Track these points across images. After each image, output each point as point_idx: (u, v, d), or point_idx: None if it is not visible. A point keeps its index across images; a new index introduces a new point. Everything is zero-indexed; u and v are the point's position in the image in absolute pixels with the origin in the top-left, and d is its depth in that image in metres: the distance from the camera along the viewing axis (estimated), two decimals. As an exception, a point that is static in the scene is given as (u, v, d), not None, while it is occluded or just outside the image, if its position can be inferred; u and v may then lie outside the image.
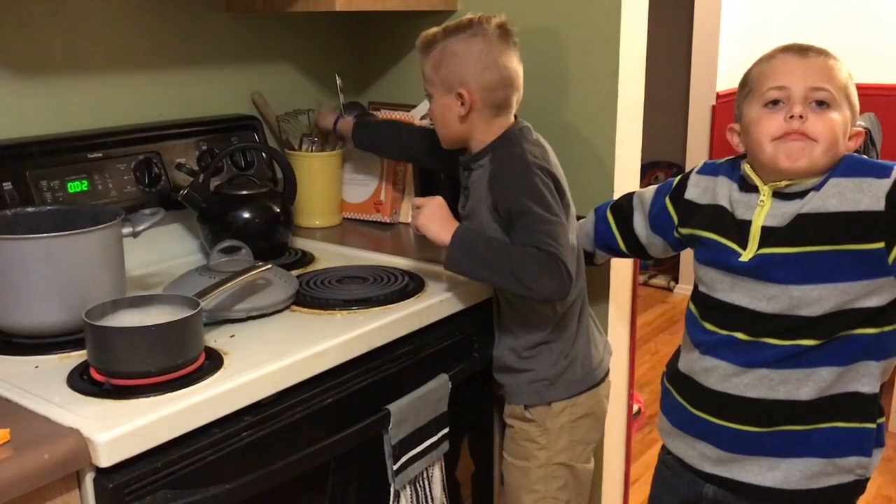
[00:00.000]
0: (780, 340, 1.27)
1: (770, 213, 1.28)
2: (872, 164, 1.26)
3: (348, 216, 2.07)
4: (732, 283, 1.31)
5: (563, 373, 1.54)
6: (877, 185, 1.21)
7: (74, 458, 1.00)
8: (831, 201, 1.23)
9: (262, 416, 1.21)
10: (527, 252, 1.37)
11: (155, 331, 1.15)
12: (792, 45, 1.31)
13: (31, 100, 1.60)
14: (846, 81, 1.28)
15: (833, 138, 1.25)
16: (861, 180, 1.23)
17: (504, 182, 1.44)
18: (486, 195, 1.47)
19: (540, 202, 1.40)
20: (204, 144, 1.80)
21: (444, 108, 1.50)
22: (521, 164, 1.44)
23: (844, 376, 1.28)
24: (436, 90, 1.50)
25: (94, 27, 1.67)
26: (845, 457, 1.30)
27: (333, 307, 1.45)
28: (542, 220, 1.39)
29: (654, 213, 1.51)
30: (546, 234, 1.38)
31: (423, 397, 1.43)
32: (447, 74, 1.47)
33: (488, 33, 1.46)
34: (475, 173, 1.52)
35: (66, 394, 1.13)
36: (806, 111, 1.25)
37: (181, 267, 1.58)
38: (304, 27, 2.09)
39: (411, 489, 1.44)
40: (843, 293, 1.23)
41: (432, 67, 1.49)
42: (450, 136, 1.54)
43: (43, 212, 1.42)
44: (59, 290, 1.27)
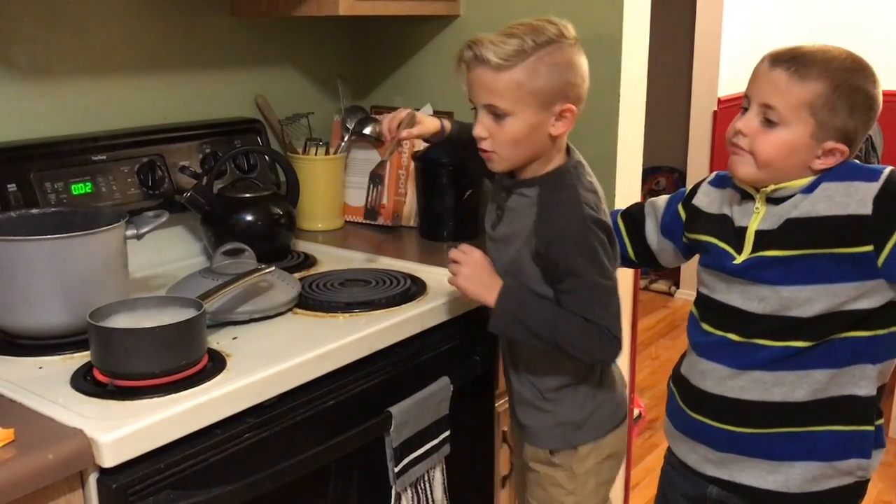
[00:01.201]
0: (772, 341, 1.28)
1: (764, 218, 1.29)
2: (862, 168, 1.25)
3: (350, 219, 2.08)
4: (728, 285, 1.33)
5: (590, 415, 1.45)
6: (865, 189, 1.21)
7: (78, 458, 1.01)
8: (820, 206, 1.24)
9: (264, 418, 1.21)
10: (575, 323, 1.30)
11: (158, 332, 1.15)
12: (774, 51, 1.28)
13: (35, 102, 1.61)
14: (811, 98, 1.21)
15: (769, 157, 1.26)
16: (850, 184, 1.23)
17: (554, 234, 1.31)
18: (529, 236, 1.34)
19: (593, 263, 1.30)
20: (207, 147, 1.81)
21: (532, 127, 1.30)
22: (576, 217, 1.31)
23: (839, 379, 1.28)
24: (522, 107, 1.29)
25: (98, 31, 1.68)
26: (845, 459, 1.31)
27: (335, 310, 1.46)
28: (593, 287, 1.30)
29: (666, 219, 1.51)
30: (597, 304, 1.30)
31: (424, 400, 1.43)
32: (549, 87, 1.28)
33: (575, 42, 1.31)
34: (515, 199, 1.39)
35: (69, 394, 1.14)
36: (750, 126, 1.27)
37: (184, 269, 1.59)
38: (307, 31, 2.09)
39: (412, 491, 1.45)
40: (833, 295, 1.23)
41: (528, 78, 1.27)
42: (520, 159, 1.35)
43: (47, 213, 1.43)
44: (63, 291, 1.27)
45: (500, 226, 1.41)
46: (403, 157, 2.03)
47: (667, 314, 4.30)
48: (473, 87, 1.32)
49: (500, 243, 1.41)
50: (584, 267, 1.30)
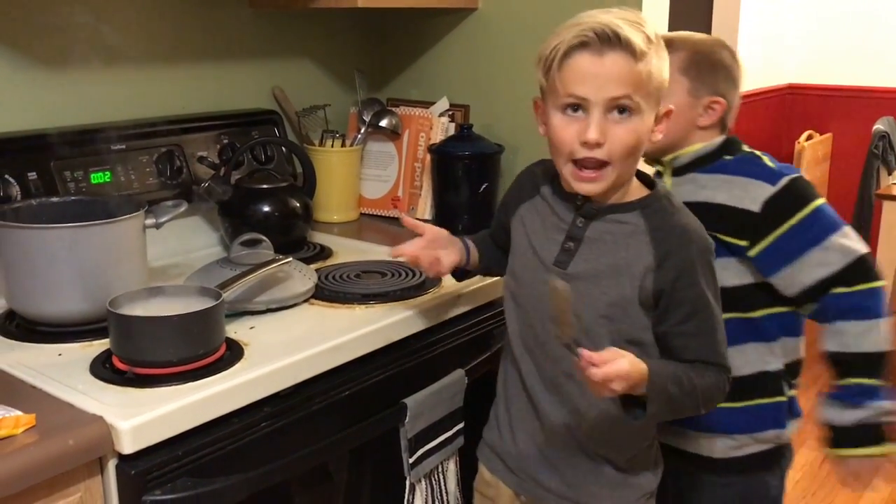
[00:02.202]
0: None
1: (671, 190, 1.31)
2: (767, 169, 1.35)
3: (366, 212, 2.09)
4: None
5: (656, 482, 1.31)
6: (761, 190, 1.32)
7: (98, 444, 1.02)
8: (721, 195, 1.34)
9: (280, 407, 1.22)
10: (708, 377, 1.14)
11: (177, 321, 1.16)
12: None
13: (55, 92, 1.62)
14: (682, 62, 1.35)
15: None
16: (751, 181, 1.33)
17: (685, 267, 1.13)
18: (644, 272, 1.14)
19: (716, 296, 1.16)
20: (225, 138, 1.82)
21: (648, 130, 1.14)
22: (703, 243, 1.16)
23: (745, 357, 1.38)
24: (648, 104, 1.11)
25: (118, 22, 1.69)
26: (765, 430, 1.43)
27: (352, 301, 1.47)
28: (719, 325, 1.16)
29: None
30: (723, 343, 1.16)
31: (439, 392, 1.44)
32: (662, 83, 1.13)
33: None
34: (602, 227, 1.18)
35: (89, 381, 1.15)
36: None
37: (202, 259, 1.60)
38: (325, 23, 2.10)
39: (426, 483, 1.45)
40: None
41: (655, 71, 1.11)
42: (627, 174, 1.17)
43: (67, 202, 1.44)
44: (83, 279, 1.29)
45: (576, 261, 1.18)
46: (419, 150, 2.04)
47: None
48: (595, 78, 1.09)
49: (585, 283, 1.17)
50: (712, 302, 1.15)
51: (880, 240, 3.19)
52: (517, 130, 2.01)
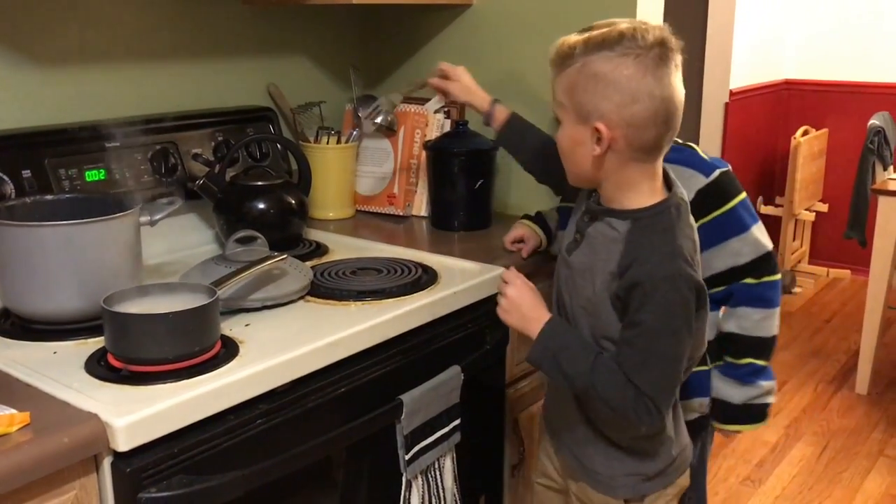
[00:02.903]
0: None
1: None
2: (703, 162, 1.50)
3: (361, 209, 2.08)
4: None
5: (665, 469, 1.36)
6: (695, 180, 1.46)
7: (93, 441, 1.02)
8: None
9: (276, 405, 1.22)
10: (614, 380, 1.19)
11: (172, 318, 1.16)
12: None
13: (50, 89, 1.61)
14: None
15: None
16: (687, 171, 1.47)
17: (637, 281, 1.17)
18: (610, 278, 1.21)
19: (666, 327, 1.17)
20: (220, 135, 1.81)
21: (574, 142, 1.21)
22: (669, 269, 1.17)
23: None
24: (567, 116, 1.21)
25: (112, 18, 1.68)
26: (692, 398, 1.57)
27: (347, 298, 1.46)
28: (653, 351, 1.18)
29: None
30: (648, 369, 1.18)
31: (435, 388, 1.44)
32: (583, 101, 1.17)
33: (643, 53, 1.14)
34: (600, 227, 1.26)
35: (84, 379, 1.15)
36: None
37: (197, 256, 1.59)
38: (320, 19, 2.09)
39: (423, 479, 1.45)
40: None
41: (566, 88, 1.19)
42: (577, 175, 1.27)
43: (61, 199, 1.43)
44: (77, 276, 1.28)
45: (577, 253, 1.29)
46: (415, 147, 2.04)
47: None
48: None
49: (577, 274, 1.28)
50: (654, 327, 1.17)
51: (876, 234, 3.19)
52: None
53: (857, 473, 2.48)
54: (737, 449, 2.92)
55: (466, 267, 1.64)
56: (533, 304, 1.29)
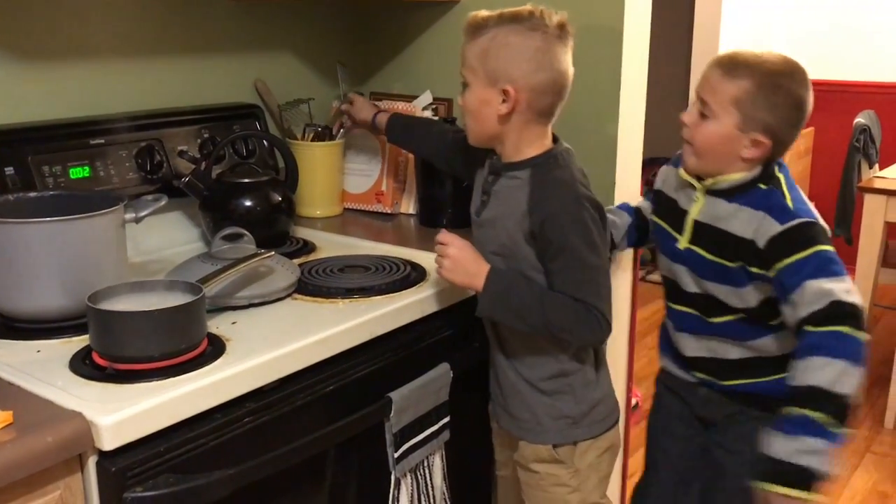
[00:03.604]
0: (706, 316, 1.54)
1: (702, 210, 1.48)
2: (782, 207, 1.40)
3: (349, 206, 2.07)
4: (672, 264, 1.56)
5: (587, 413, 1.45)
6: (769, 227, 1.39)
7: (77, 441, 1.01)
8: (735, 224, 1.43)
9: (263, 403, 1.21)
10: (563, 303, 1.31)
11: (158, 315, 1.15)
12: (727, 52, 1.46)
13: (34, 85, 1.60)
14: (737, 93, 1.38)
15: (703, 146, 1.44)
16: (763, 217, 1.40)
17: (550, 211, 1.32)
18: (521, 217, 1.35)
19: (587, 242, 1.32)
20: (206, 132, 1.80)
21: (482, 102, 1.35)
22: (572, 194, 1.33)
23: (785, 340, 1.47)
24: (476, 80, 1.35)
25: (97, 14, 1.67)
26: None
27: (335, 295, 1.45)
28: (585, 266, 1.32)
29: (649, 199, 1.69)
30: (587, 283, 1.31)
31: (424, 386, 1.43)
32: (495, 66, 1.32)
33: (548, 31, 1.32)
34: (504, 182, 1.40)
35: (68, 378, 1.13)
36: (690, 118, 1.46)
37: (183, 254, 1.58)
38: (307, 16, 2.08)
39: (412, 477, 1.45)
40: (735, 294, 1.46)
41: (478, 54, 1.33)
42: (481, 133, 1.40)
43: (45, 197, 1.42)
44: (62, 274, 1.27)
45: (486, 210, 1.42)
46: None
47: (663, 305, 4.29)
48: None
49: (487, 227, 1.41)
50: (577, 244, 1.31)
51: (862, 232, 3.21)
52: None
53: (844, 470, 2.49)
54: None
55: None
56: (475, 258, 1.37)
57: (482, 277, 1.35)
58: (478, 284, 1.36)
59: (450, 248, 1.38)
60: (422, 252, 1.69)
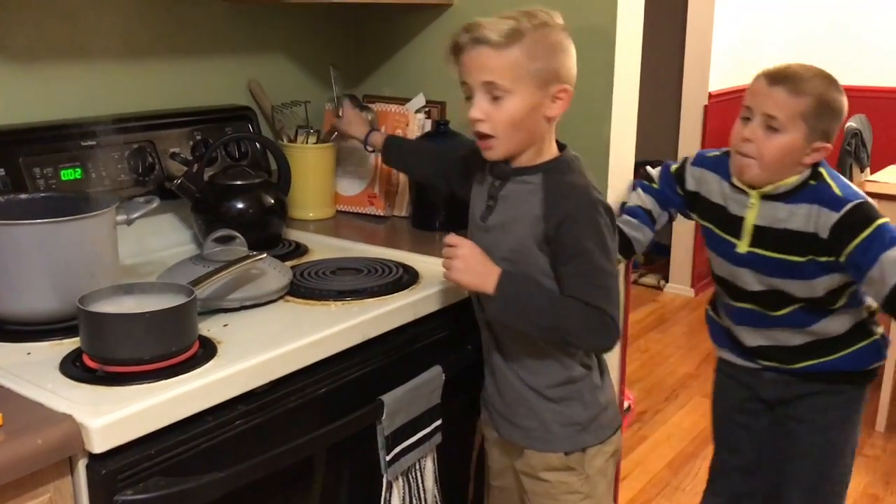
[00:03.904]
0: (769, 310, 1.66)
1: (759, 214, 1.59)
2: (833, 197, 1.53)
3: (342, 209, 2.07)
4: (734, 267, 1.65)
5: (595, 418, 1.44)
6: (827, 217, 1.52)
7: (67, 443, 1.00)
8: (797, 220, 1.55)
9: (255, 405, 1.21)
10: (574, 308, 1.30)
11: (149, 318, 1.14)
12: (769, 72, 1.59)
13: (25, 87, 1.59)
14: (804, 108, 1.52)
15: (773, 158, 1.55)
16: (820, 210, 1.53)
17: (566, 214, 1.30)
18: (535, 221, 1.33)
19: (601, 248, 1.31)
20: (198, 134, 1.79)
21: (532, 108, 1.30)
22: (587, 199, 1.32)
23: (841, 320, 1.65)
24: (522, 87, 1.28)
25: (90, 15, 1.66)
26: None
27: (327, 298, 1.45)
28: (598, 271, 1.31)
29: (662, 197, 1.79)
30: (600, 288, 1.30)
31: (416, 388, 1.43)
32: (546, 67, 1.29)
33: (567, 29, 1.33)
34: (514, 186, 1.37)
35: (58, 380, 1.13)
36: (756, 134, 1.55)
37: (175, 256, 1.57)
38: (300, 18, 2.08)
39: (404, 480, 1.44)
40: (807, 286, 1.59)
41: (519, 61, 1.27)
42: (522, 143, 1.34)
43: (36, 198, 1.41)
44: (52, 276, 1.26)
45: (493, 215, 1.39)
46: (396, 147, 2.03)
47: (656, 308, 4.31)
48: (471, 69, 1.31)
49: (496, 232, 1.38)
50: (592, 249, 1.30)
51: (853, 236, 3.22)
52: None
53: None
54: (716, 449, 2.93)
55: (447, 267, 1.63)
56: (484, 260, 1.34)
57: (493, 279, 1.32)
58: (489, 286, 1.32)
59: (460, 249, 1.34)
60: (415, 255, 1.69)
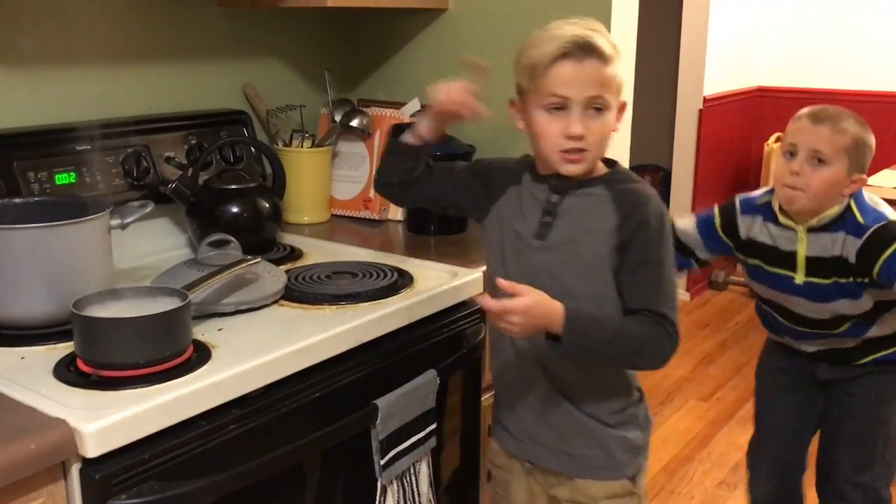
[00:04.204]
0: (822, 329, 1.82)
1: (809, 246, 1.73)
2: (857, 225, 1.69)
3: (337, 213, 2.07)
4: (792, 297, 1.79)
5: (643, 433, 1.43)
6: (852, 244, 1.68)
7: (61, 448, 1.00)
8: (836, 249, 1.71)
9: (249, 410, 1.20)
10: (649, 330, 1.27)
11: (143, 322, 1.14)
12: (811, 112, 1.72)
13: (19, 91, 1.59)
14: (848, 144, 1.68)
15: (820, 189, 1.68)
16: (847, 238, 1.69)
17: (642, 222, 1.28)
18: (610, 232, 1.29)
19: (669, 257, 1.30)
20: (193, 138, 1.79)
21: (615, 121, 1.30)
22: (658, 208, 1.31)
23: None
24: (614, 101, 1.28)
25: (84, 20, 1.66)
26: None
27: (322, 302, 1.45)
28: (665, 280, 1.29)
29: (711, 245, 1.88)
30: (667, 297, 1.29)
31: (411, 393, 1.43)
32: (622, 79, 1.29)
33: None
34: (575, 200, 1.32)
35: (52, 384, 1.13)
36: (804, 168, 1.68)
37: (169, 261, 1.57)
38: (295, 22, 2.08)
39: (398, 484, 1.44)
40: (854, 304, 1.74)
41: (616, 75, 1.27)
42: (600, 156, 1.33)
43: (30, 203, 1.41)
44: (46, 280, 1.26)
45: (554, 231, 1.32)
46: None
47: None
48: (578, 81, 1.24)
49: (560, 249, 1.32)
50: (662, 258, 1.30)
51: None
52: (488, 130, 2.01)
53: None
54: (712, 453, 2.93)
55: (442, 271, 1.64)
56: (540, 300, 1.22)
57: (559, 317, 1.23)
58: (555, 325, 1.23)
59: (518, 306, 1.21)
60: (409, 258, 1.70)
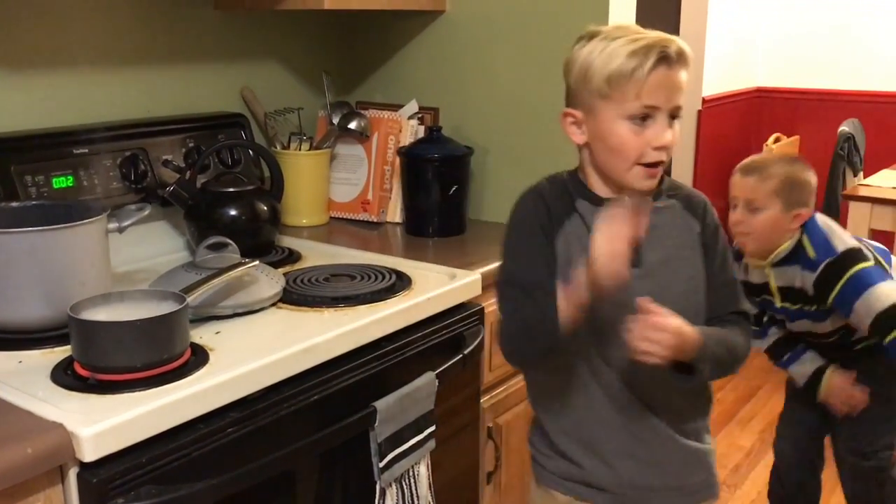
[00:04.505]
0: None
1: (776, 278, 1.91)
2: (810, 261, 1.84)
3: (335, 215, 2.07)
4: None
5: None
6: (810, 278, 1.84)
7: (58, 452, 1.00)
8: (797, 280, 1.88)
9: (247, 413, 1.20)
10: (743, 334, 1.29)
11: (140, 325, 1.14)
12: (742, 165, 1.89)
13: (16, 94, 1.59)
14: (775, 188, 1.83)
15: (762, 231, 1.85)
16: (804, 273, 1.85)
17: (716, 224, 1.31)
18: (697, 239, 1.28)
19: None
20: (191, 141, 1.79)
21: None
22: (712, 208, 1.33)
23: None
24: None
25: (82, 23, 1.66)
26: None
27: (320, 304, 1.45)
28: (735, 279, 1.34)
29: None
30: (741, 294, 1.34)
31: (409, 395, 1.42)
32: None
33: None
34: (656, 217, 1.24)
35: (49, 388, 1.13)
36: (743, 217, 1.86)
37: (167, 264, 1.57)
38: (293, 25, 2.08)
39: (397, 487, 1.44)
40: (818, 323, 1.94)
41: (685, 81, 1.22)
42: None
43: (28, 206, 1.41)
44: (44, 284, 1.26)
45: (649, 254, 1.24)
46: (389, 153, 2.03)
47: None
48: (671, 89, 1.19)
49: (662, 271, 1.26)
50: (729, 257, 1.34)
51: (847, 240, 3.23)
52: (487, 132, 2.01)
53: (829, 478, 2.49)
54: (712, 454, 2.93)
55: (440, 273, 1.63)
56: (678, 323, 1.17)
57: (693, 341, 1.19)
58: (688, 353, 1.19)
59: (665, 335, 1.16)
60: (408, 261, 1.69)
